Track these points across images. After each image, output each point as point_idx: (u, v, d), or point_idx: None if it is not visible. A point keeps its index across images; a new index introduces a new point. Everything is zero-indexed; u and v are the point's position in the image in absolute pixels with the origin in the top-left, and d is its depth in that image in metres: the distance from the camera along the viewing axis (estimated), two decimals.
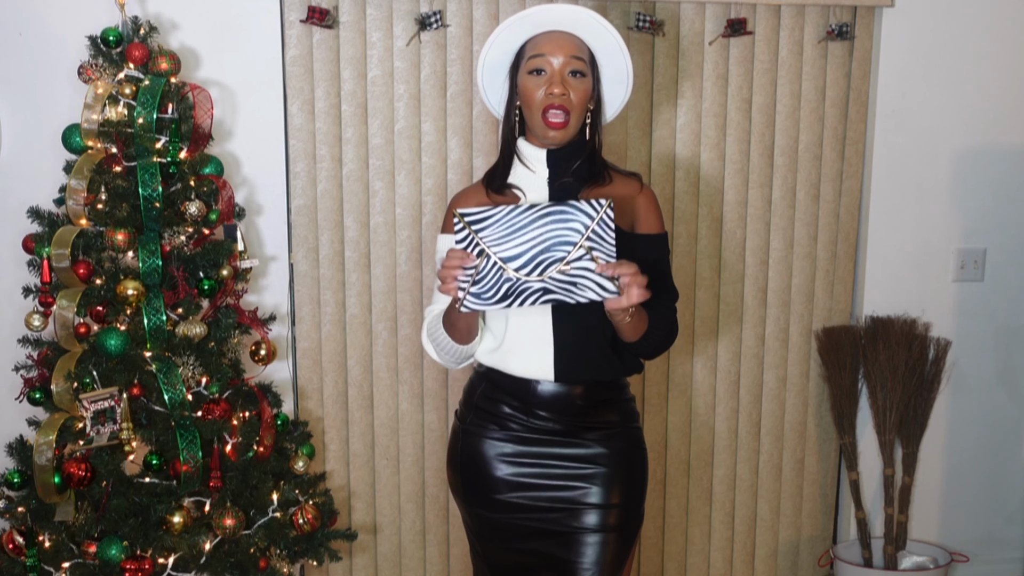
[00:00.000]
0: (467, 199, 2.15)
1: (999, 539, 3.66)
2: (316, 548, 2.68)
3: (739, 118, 3.29)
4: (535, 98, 2.04)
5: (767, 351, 3.44)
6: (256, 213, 3.08)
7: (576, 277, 1.85)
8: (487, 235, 1.83)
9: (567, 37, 2.06)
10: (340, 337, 3.19)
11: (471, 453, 2.16)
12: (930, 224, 3.46)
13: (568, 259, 1.84)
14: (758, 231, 3.36)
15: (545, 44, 2.05)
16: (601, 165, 2.13)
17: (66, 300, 2.45)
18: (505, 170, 2.14)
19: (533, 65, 2.05)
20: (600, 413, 2.13)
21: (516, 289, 1.85)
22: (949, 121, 3.41)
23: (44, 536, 2.46)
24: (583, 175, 2.10)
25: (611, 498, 2.10)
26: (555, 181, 2.10)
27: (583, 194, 2.09)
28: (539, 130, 2.06)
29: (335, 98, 3.09)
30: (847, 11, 3.29)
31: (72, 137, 2.53)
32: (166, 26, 2.90)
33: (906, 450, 3.43)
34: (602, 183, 2.11)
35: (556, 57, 2.03)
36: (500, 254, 1.84)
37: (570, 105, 2.03)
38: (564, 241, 1.83)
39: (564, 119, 2.03)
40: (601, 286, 1.85)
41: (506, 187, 2.12)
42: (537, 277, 1.85)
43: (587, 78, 2.06)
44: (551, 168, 2.10)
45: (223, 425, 2.53)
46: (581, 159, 2.10)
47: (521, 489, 2.11)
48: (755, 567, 3.55)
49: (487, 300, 1.86)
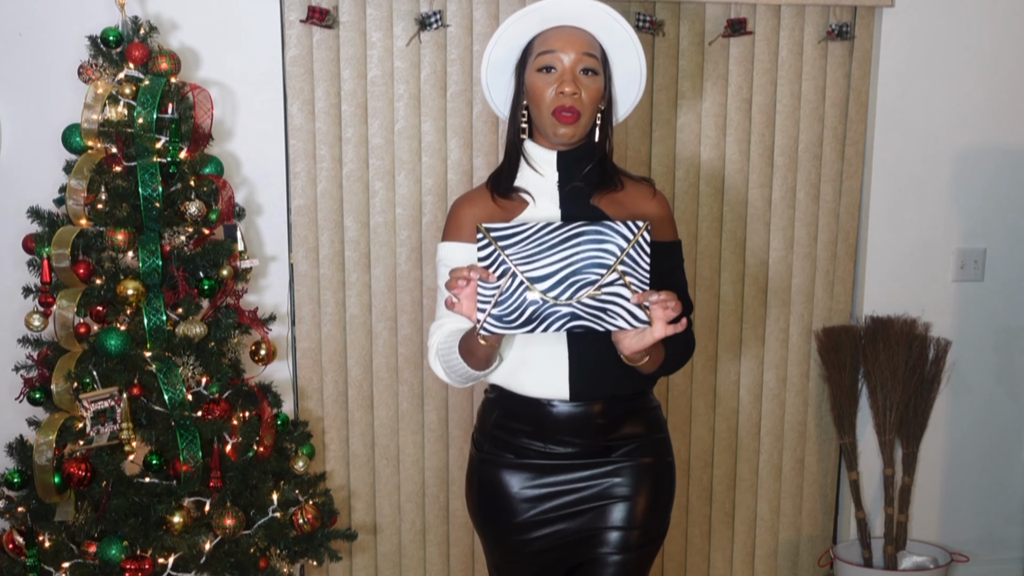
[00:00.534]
0: (471, 204, 2.02)
1: (999, 539, 3.66)
2: (316, 548, 2.68)
3: (739, 118, 3.29)
4: (544, 97, 1.93)
5: (767, 351, 3.44)
6: (256, 213, 3.08)
7: (607, 303, 1.71)
8: (514, 252, 1.70)
9: (578, 33, 1.94)
10: (340, 337, 3.19)
11: (489, 485, 2.04)
12: (930, 224, 3.46)
13: (600, 283, 1.69)
14: (758, 231, 3.36)
15: (555, 40, 1.93)
16: (613, 169, 2.03)
17: (66, 300, 2.45)
18: (511, 173, 2.02)
19: (543, 62, 1.93)
20: (623, 427, 2.01)
21: (541, 313, 1.71)
22: (949, 121, 3.41)
23: (44, 536, 2.46)
24: (594, 179, 2.00)
25: (635, 518, 2.00)
26: (565, 185, 1.99)
27: (595, 199, 1.98)
28: (548, 129, 1.95)
29: (335, 98, 3.09)
30: (847, 11, 3.29)
31: (72, 137, 2.53)
32: (166, 26, 2.90)
33: (906, 450, 3.43)
34: (614, 188, 2.01)
35: (567, 54, 1.92)
36: (528, 274, 1.70)
37: (581, 105, 1.92)
38: (597, 263, 1.70)
39: (575, 117, 1.92)
40: (633, 314, 1.71)
41: (512, 191, 2.00)
42: (566, 300, 1.71)
43: (599, 76, 1.95)
44: (561, 171, 1.99)
45: (223, 425, 2.53)
46: (593, 162, 1.99)
47: (544, 526, 2.01)
48: (755, 567, 3.55)
49: (510, 324, 1.71)
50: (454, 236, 2.00)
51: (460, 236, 1.99)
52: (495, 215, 1.98)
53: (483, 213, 1.98)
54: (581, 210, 1.97)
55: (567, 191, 1.99)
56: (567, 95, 1.91)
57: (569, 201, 1.98)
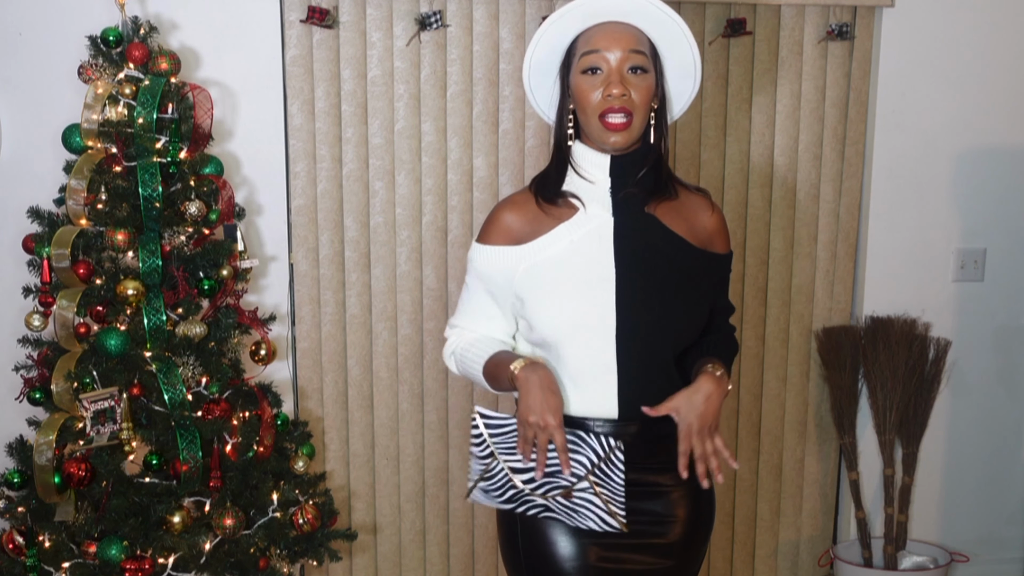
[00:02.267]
0: (514, 208, 1.90)
1: (999, 539, 3.66)
2: (316, 548, 2.68)
3: (739, 118, 3.29)
4: (591, 100, 1.81)
5: (767, 351, 3.44)
6: (256, 213, 3.08)
7: (579, 506, 1.76)
8: (500, 442, 1.78)
9: (624, 28, 1.81)
10: (340, 337, 3.19)
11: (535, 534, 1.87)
12: (930, 224, 3.46)
13: (571, 489, 1.75)
14: (758, 231, 3.36)
15: (600, 38, 1.81)
16: (668, 175, 1.91)
17: (66, 300, 2.45)
18: (559, 178, 1.89)
19: (587, 63, 1.81)
20: (667, 449, 1.83)
21: (520, 498, 1.81)
22: (949, 121, 3.41)
23: (44, 536, 2.46)
24: (648, 186, 1.87)
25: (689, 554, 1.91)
26: (618, 191, 1.86)
27: (650, 207, 1.87)
28: (597, 135, 1.83)
29: (335, 98, 3.09)
30: (847, 11, 3.29)
31: (72, 137, 2.53)
32: (166, 26, 2.90)
33: (906, 450, 3.43)
34: (669, 196, 1.89)
35: (612, 52, 1.79)
36: (511, 463, 1.79)
37: (632, 106, 1.79)
38: (570, 470, 1.75)
39: (626, 120, 1.79)
40: (603, 519, 1.75)
41: (560, 195, 1.87)
42: (540, 495, 1.78)
43: (649, 74, 1.82)
44: (614, 176, 1.86)
45: (223, 425, 2.53)
46: (648, 166, 1.87)
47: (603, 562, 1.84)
48: (755, 567, 3.55)
49: (493, 498, 1.83)
50: (488, 239, 1.90)
51: (495, 239, 1.89)
52: (539, 221, 1.87)
53: (525, 218, 1.88)
54: (635, 218, 1.86)
55: (620, 197, 1.87)
56: (615, 97, 1.79)
57: (622, 208, 1.86)
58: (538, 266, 1.84)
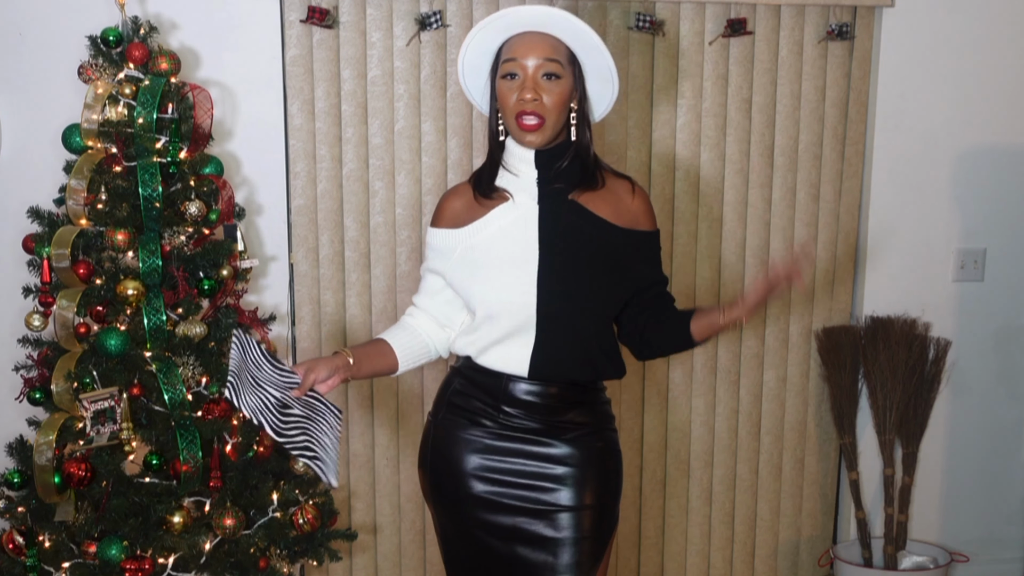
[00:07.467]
0: (457, 197, 2.14)
1: (999, 539, 3.66)
2: (316, 548, 2.68)
3: (739, 118, 3.29)
4: (508, 103, 2.01)
5: (767, 351, 3.44)
6: (256, 213, 3.08)
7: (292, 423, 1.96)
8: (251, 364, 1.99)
9: (541, 38, 2.00)
10: (340, 337, 3.19)
11: (441, 449, 2.15)
12: (930, 224, 3.46)
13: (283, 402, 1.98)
14: (758, 231, 3.36)
15: (518, 47, 2.00)
16: (594, 165, 2.09)
17: (66, 300, 2.45)
18: (492, 172, 2.11)
19: (506, 69, 2.01)
20: (574, 414, 2.09)
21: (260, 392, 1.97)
22: (949, 121, 3.41)
23: (44, 536, 2.46)
24: (575, 176, 2.07)
25: (584, 499, 2.06)
26: (544, 183, 2.06)
27: (574, 195, 2.06)
28: (515, 134, 2.03)
29: (335, 98, 3.09)
30: (847, 11, 3.29)
31: (72, 137, 2.53)
32: (166, 26, 2.90)
33: (906, 450, 3.43)
34: (594, 186, 2.08)
35: (528, 60, 1.99)
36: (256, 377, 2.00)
37: (543, 110, 1.99)
38: None
39: (538, 121, 1.99)
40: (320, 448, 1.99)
41: (494, 190, 2.09)
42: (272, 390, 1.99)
43: (563, 79, 2.00)
44: (539, 169, 2.06)
45: (223, 425, 2.53)
46: (569, 159, 2.06)
47: (491, 484, 2.08)
48: (755, 567, 3.55)
49: None
50: (435, 223, 2.15)
51: (440, 223, 2.13)
52: (476, 208, 2.09)
53: (465, 205, 2.11)
54: (559, 205, 2.05)
55: (546, 189, 2.06)
56: (527, 101, 1.98)
57: (547, 197, 2.06)
58: (473, 248, 2.07)
